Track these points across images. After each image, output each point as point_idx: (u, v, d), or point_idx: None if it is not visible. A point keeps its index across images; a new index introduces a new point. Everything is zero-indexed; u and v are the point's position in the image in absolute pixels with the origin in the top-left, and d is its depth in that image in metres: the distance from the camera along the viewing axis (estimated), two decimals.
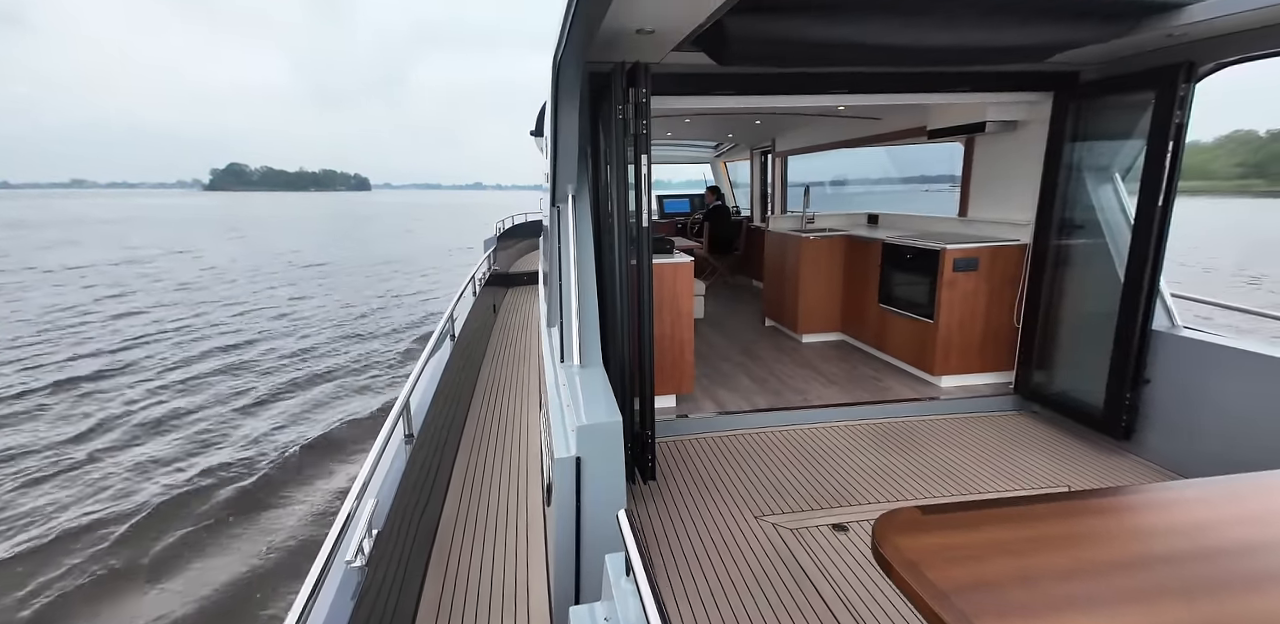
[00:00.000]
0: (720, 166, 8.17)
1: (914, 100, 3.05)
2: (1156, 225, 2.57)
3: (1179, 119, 2.46)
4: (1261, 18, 2.07)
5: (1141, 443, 2.77)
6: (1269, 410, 2.28)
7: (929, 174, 5.34)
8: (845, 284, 4.46)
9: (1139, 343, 2.69)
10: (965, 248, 3.38)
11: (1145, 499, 1.20)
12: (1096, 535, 1.04)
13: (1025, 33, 2.31)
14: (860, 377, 3.80)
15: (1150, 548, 1.00)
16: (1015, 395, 3.39)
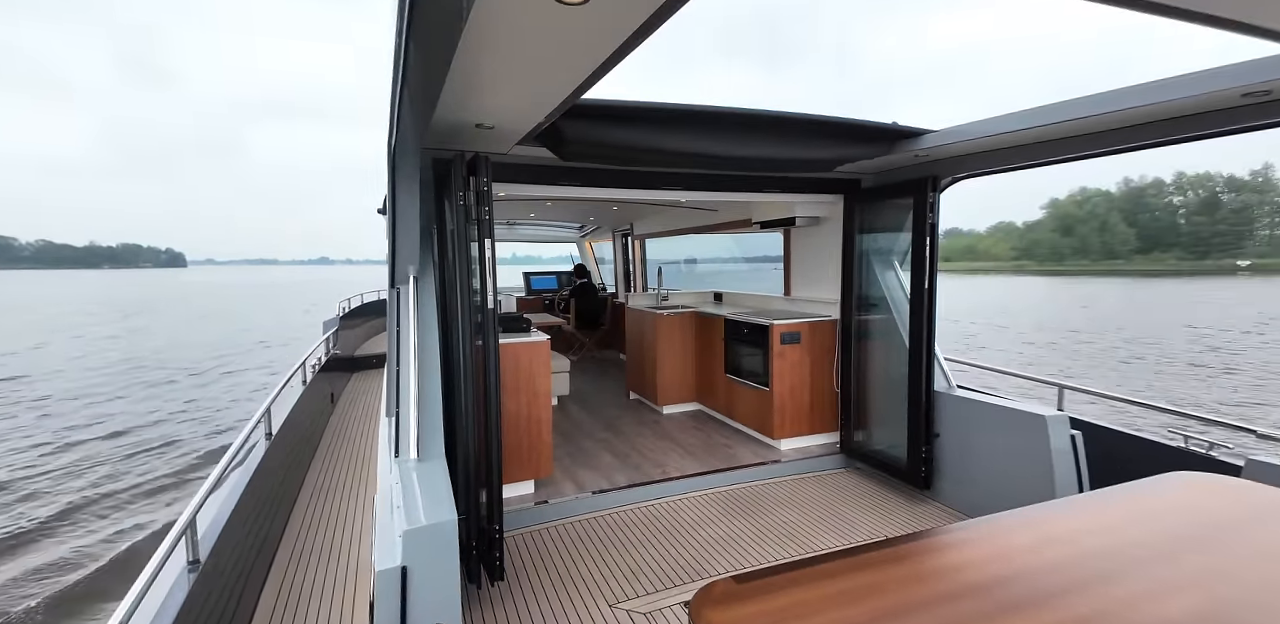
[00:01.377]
0: (586, 246, 8.62)
1: (737, 198, 3.59)
2: (926, 302, 3.20)
3: (931, 219, 3.18)
4: (976, 146, 2.82)
5: (939, 490, 3.23)
6: (1016, 452, 2.82)
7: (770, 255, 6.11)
8: (697, 357, 4.81)
9: (926, 402, 3.22)
10: (789, 323, 3.87)
11: (921, 545, 1.40)
12: (885, 583, 1.19)
13: (812, 150, 2.93)
14: (714, 445, 4.00)
15: (932, 590, 1.17)
16: (841, 454, 3.80)
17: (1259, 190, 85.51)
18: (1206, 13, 1.26)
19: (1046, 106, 2.35)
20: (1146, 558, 1.29)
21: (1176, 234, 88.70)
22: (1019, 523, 1.49)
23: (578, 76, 1.60)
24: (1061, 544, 1.38)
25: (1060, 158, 2.64)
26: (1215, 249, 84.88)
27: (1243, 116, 2.00)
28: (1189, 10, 1.23)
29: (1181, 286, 42.64)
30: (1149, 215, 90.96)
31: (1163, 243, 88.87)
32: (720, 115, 2.61)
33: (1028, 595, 1.15)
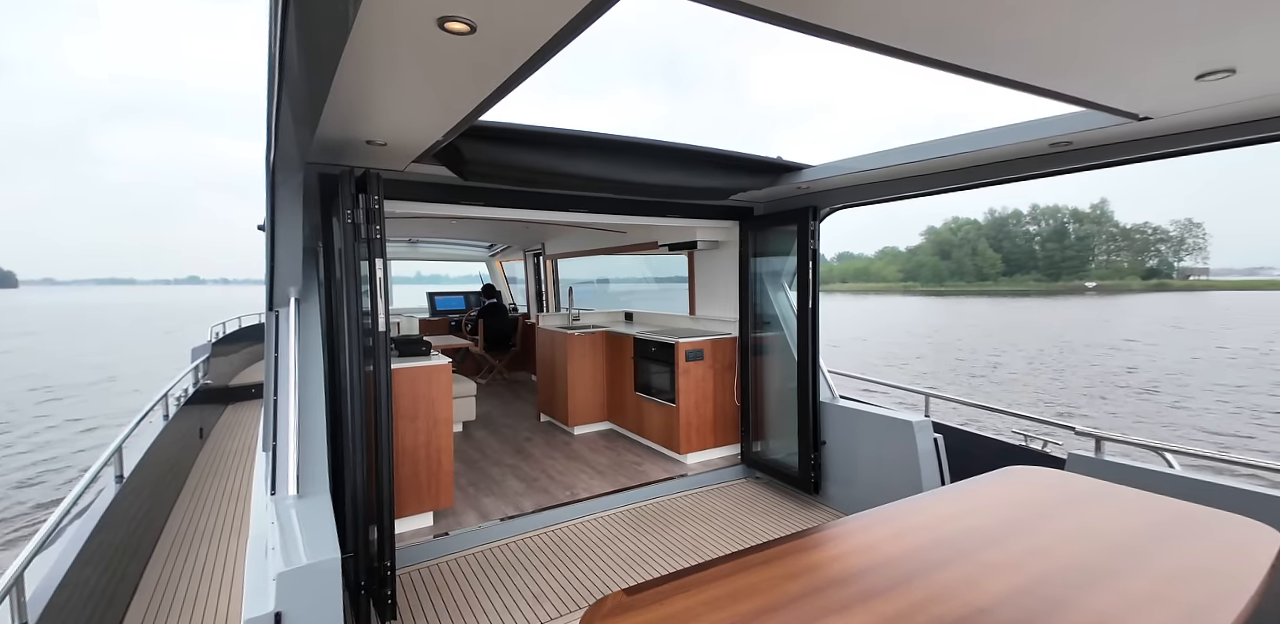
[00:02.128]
0: (496, 265, 8.51)
1: (641, 222, 3.76)
2: (810, 320, 3.51)
3: (812, 245, 3.52)
4: (847, 180, 3.17)
5: (827, 494, 3.51)
6: (889, 455, 3.15)
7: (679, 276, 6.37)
8: (609, 375, 4.90)
9: (813, 412, 3.51)
10: (693, 341, 4.08)
11: (796, 545, 1.55)
12: (762, 583, 1.32)
13: (708, 179, 3.17)
14: (624, 463, 4.08)
15: (803, 585, 1.30)
16: (742, 465, 4.02)
17: (1097, 221, 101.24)
18: (1015, 79, 1.59)
19: (901, 148, 2.74)
20: (979, 544, 1.52)
21: (1034, 259, 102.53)
22: (881, 519, 1.70)
23: (470, 101, 1.67)
24: (914, 534, 1.59)
25: (917, 192, 3.06)
26: (1065, 272, 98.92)
27: (1051, 163, 2.46)
28: (1000, 77, 1.56)
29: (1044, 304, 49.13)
30: (1011, 242, 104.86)
31: (1024, 266, 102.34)
32: (623, 143, 2.77)
33: (884, 583, 1.33)
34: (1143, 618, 1.17)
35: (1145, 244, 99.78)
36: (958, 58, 1.44)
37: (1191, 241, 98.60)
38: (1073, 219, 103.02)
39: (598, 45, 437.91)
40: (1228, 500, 2.01)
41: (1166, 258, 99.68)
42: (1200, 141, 2.02)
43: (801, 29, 1.29)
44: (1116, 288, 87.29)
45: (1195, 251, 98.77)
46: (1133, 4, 1.14)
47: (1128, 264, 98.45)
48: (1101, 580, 1.33)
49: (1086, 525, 1.63)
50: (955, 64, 1.47)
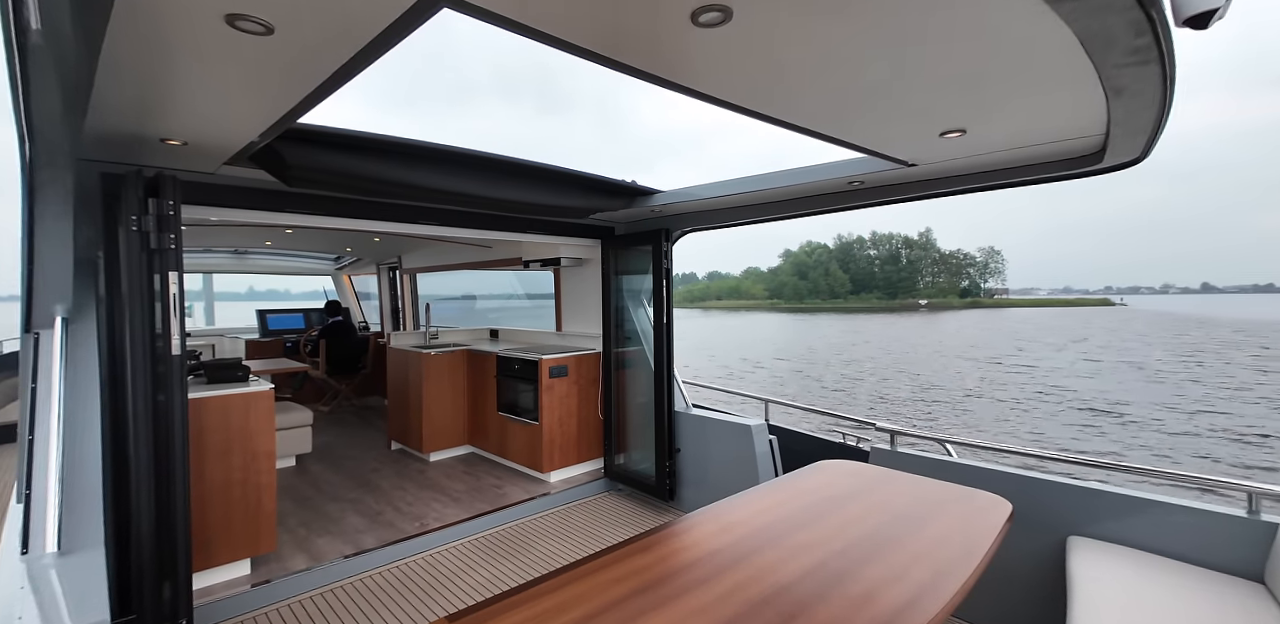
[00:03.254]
0: (344, 279, 7.87)
1: (498, 237, 3.76)
2: (665, 335, 3.75)
3: (666, 265, 3.77)
4: (695, 206, 3.46)
5: (681, 499, 3.73)
6: (732, 457, 3.45)
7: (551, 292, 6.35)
8: (470, 396, 4.75)
9: (669, 422, 3.73)
10: (558, 357, 4.13)
11: (629, 549, 1.64)
12: (589, 591, 1.38)
13: (566, 198, 3.27)
14: (484, 487, 3.96)
15: (628, 587, 1.39)
16: (605, 479, 4.12)
17: (923, 247, 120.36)
18: (820, 131, 1.94)
19: (737, 180, 3.09)
20: (788, 530, 1.75)
21: (875, 279, 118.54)
22: (708, 516, 1.87)
23: (282, 103, 1.60)
24: (736, 527, 1.78)
25: (755, 219, 3.44)
26: (901, 291, 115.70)
27: (851, 198, 2.93)
28: (808, 129, 1.90)
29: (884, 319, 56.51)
30: (856, 264, 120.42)
31: (868, 286, 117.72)
32: (474, 157, 2.78)
33: (703, 575, 1.48)
34: (904, 580, 1.44)
35: (959, 267, 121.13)
36: (775, 112, 1.75)
37: (994, 266, 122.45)
38: (904, 245, 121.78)
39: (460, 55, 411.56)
40: (985, 479, 2.51)
41: (975, 280, 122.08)
42: (956, 185, 2.56)
43: (635, 74, 1.46)
44: (942, 305, 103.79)
45: (996, 274, 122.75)
46: (890, 81, 1.49)
47: (947, 284, 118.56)
48: (879, 552, 1.60)
49: (874, 506, 1.94)
50: (772, 116, 1.77)
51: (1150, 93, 1.40)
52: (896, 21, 1.18)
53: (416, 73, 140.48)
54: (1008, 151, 2.15)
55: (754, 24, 1.19)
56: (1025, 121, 1.81)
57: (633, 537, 1.72)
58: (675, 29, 1.21)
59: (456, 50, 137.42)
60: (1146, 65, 1.23)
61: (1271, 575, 1.87)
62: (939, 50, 1.31)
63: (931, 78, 1.47)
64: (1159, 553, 2.11)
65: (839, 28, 1.21)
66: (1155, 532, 2.13)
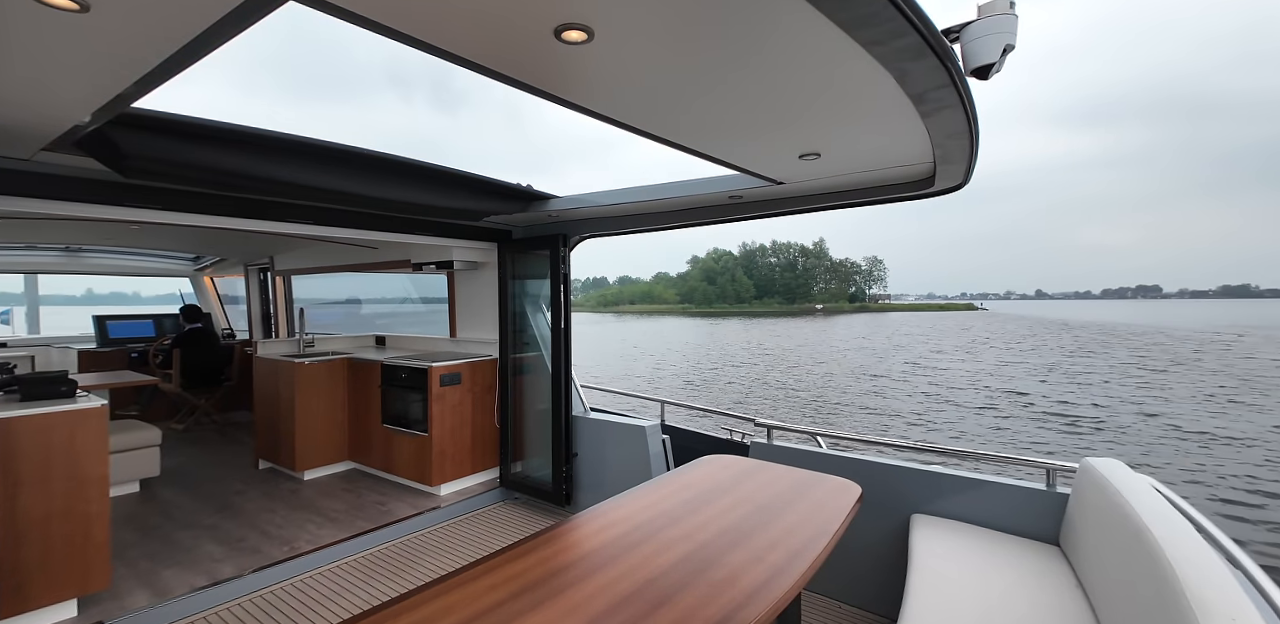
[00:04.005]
0: (205, 282, 7.11)
1: (382, 238, 3.62)
2: (563, 339, 3.79)
3: (563, 270, 3.82)
4: (591, 213, 3.52)
5: (577, 503, 3.79)
6: (628, 459, 3.57)
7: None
8: (351, 409, 4.50)
9: (566, 426, 3.78)
10: (450, 364, 4.03)
11: (511, 554, 1.67)
12: (459, 602, 1.40)
13: (458, 200, 3.22)
14: (365, 505, 3.77)
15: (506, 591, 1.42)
16: (501, 488, 4.08)
17: (818, 256, 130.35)
18: (701, 151, 2.12)
19: (631, 189, 3.21)
20: (664, 524, 1.86)
21: (776, 285, 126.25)
22: (593, 516, 1.94)
23: (108, 85, 1.47)
24: (616, 525, 1.86)
25: (649, 228, 3.58)
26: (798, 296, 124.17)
27: (733, 211, 3.15)
28: (691, 148, 2.07)
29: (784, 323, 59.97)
30: (759, 271, 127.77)
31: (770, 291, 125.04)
32: (354, 154, 2.66)
33: (580, 574, 1.54)
34: (763, 562, 1.60)
35: (848, 275, 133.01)
36: (650, 128, 1.88)
37: (877, 273, 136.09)
38: (801, 253, 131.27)
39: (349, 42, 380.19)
40: (845, 467, 2.82)
41: (861, 286, 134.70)
42: (820, 203, 2.86)
43: (506, 82, 1.51)
44: (835, 309, 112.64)
45: (879, 281, 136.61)
46: (749, 106, 1.66)
47: (838, 290, 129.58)
48: (743, 539, 1.76)
49: (744, 497, 2.12)
50: (648, 132, 1.90)
51: (959, 129, 1.68)
52: (746, 55, 1.33)
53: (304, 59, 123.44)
54: (859, 174, 2.45)
55: (615, 45, 1.28)
56: (869, 149, 2.08)
57: (512, 543, 1.75)
58: (541, 44, 1.27)
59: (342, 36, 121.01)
60: (951, 106, 1.50)
61: (1064, 538, 2.29)
62: (788, 82, 1.49)
63: (785, 106, 1.66)
64: (983, 525, 2.48)
65: (695, 56, 1.34)
66: (980, 507, 2.51)
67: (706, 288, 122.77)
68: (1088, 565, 1.99)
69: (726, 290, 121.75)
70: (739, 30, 1.20)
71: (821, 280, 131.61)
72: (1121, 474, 2.03)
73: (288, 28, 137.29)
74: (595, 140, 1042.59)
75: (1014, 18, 1.29)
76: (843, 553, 2.75)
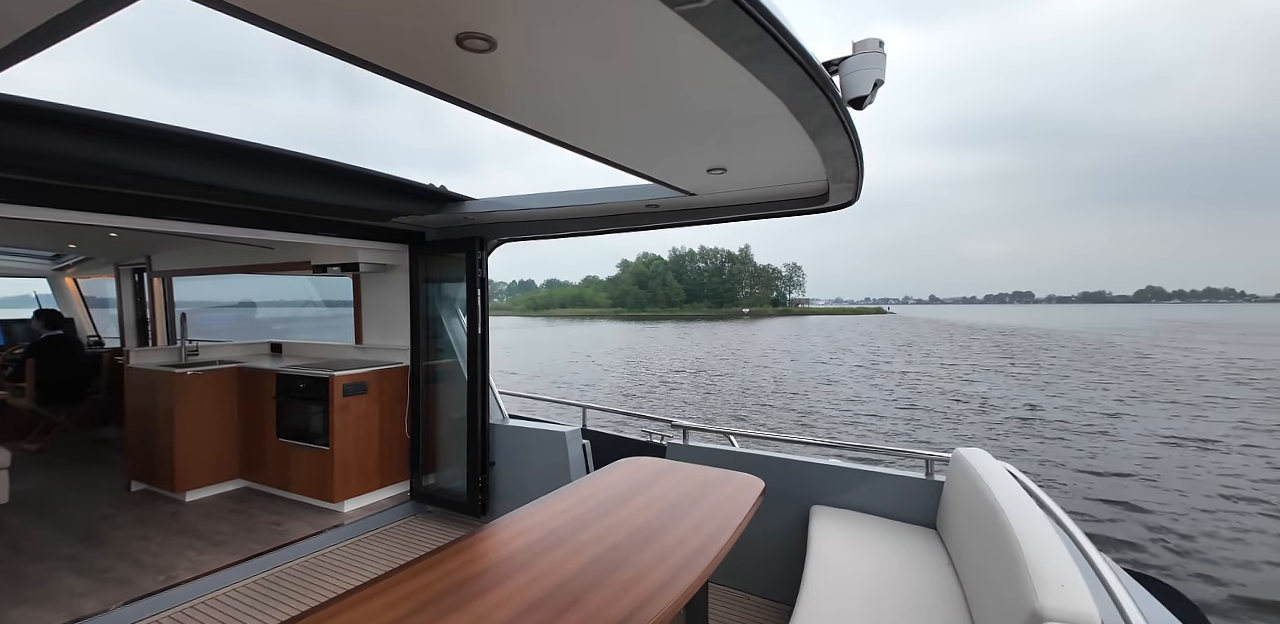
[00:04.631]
0: (67, 283, 6.37)
1: (277, 237, 3.40)
2: (481, 345, 3.73)
3: (480, 274, 3.75)
4: (509, 216, 3.48)
5: (493, 514, 3.74)
6: (547, 465, 3.57)
7: None
8: (242, 422, 4.19)
9: (483, 434, 3.72)
10: (355, 373, 3.86)
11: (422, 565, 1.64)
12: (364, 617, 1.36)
13: (364, 199, 3.09)
14: (257, 526, 3.53)
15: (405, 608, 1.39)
16: (412, 502, 3.95)
17: (743, 262, 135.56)
18: (622, 164, 2.20)
19: (550, 194, 3.22)
20: (576, 528, 1.89)
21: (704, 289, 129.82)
22: (506, 524, 1.94)
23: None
24: (530, 531, 1.87)
25: (570, 233, 3.60)
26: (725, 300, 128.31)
27: (651, 219, 3.24)
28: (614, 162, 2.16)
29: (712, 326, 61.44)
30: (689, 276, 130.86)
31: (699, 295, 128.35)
32: (247, 149, 2.49)
33: (490, 582, 1.54)
34: (669, 560, 1.67)
35: (770, 280, 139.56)
36: (561, 137, 1.92)
37: (796, 279, 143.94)
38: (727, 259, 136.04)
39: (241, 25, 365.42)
40: (754, 463, 2.97)
41: (783, 291, 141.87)
42: (730, 214, 3.01)
43: (408, 84, 1.49)
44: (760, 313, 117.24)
45: (798, 286, 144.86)
46: (657, 122, 1.74)
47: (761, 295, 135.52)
48: (654, 537, 1.82)
49: (655, 497, 2.20)
50: (559, 140, 1.94)
51: (844, 151, 1.85)
52: (653, 75, 1.40)
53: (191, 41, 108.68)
54: (763, 189, 2.61)
55: (519, 56, 1.30)
56: (770, 167, 2.24)
57: (418, 556, 1.72)
58: (443, 50, 1.28)
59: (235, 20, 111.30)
60: (836, 131, 1.65)
61: (940, 522, 2.53)
62: (693, 103, 1.58)
63: (692, 124, 1.76)
64: (874, 513, 2.71)
65: (602, 72, 1.39)
66: (872, 496, 2.73)
67: (638, 291, 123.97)
68: (957, 545, 2.23)
69: (658, 294, 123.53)
70: (644, 53, 1.27)
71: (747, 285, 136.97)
72: (985, 462, 2.29)
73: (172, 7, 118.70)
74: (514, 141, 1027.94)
75: (883, 56, 1.44)
76: (750, 546, 2.90)
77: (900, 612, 1.93)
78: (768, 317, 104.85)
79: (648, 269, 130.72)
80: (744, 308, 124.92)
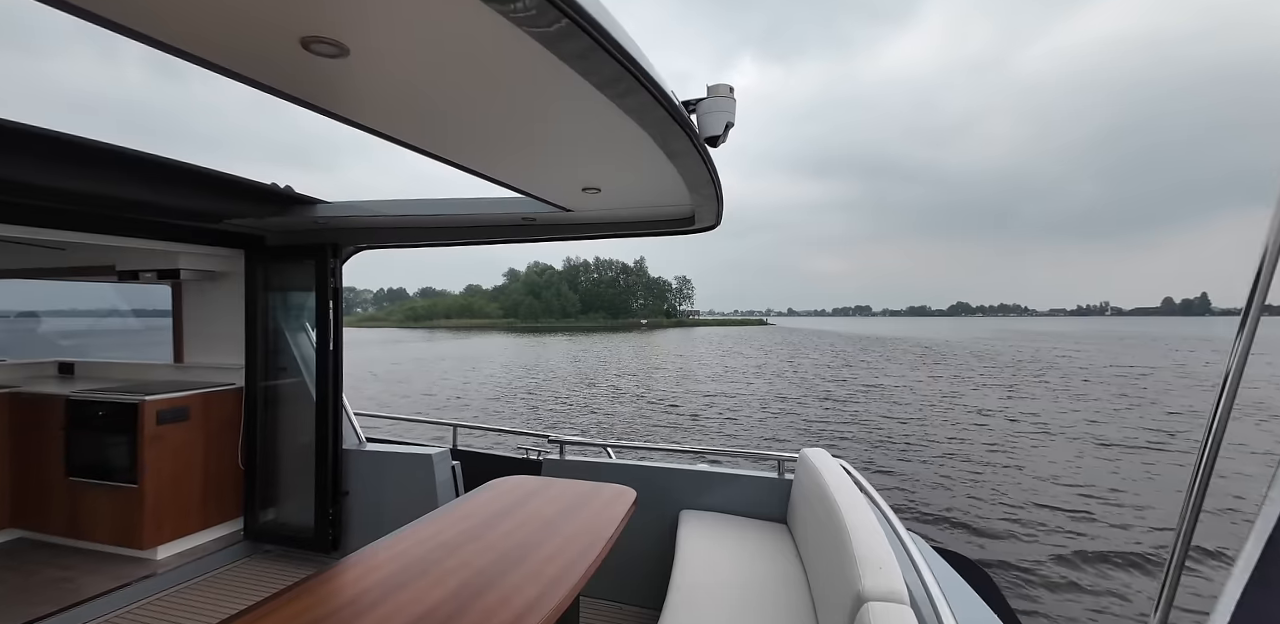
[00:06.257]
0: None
1: (73, 239, 2.92)
2: (333, 362, 3.45)
3: (334, 283, 3.47)
4: (368, 222, 3.25)
5: (346, 548, 3.46)
6: (411, 491, 3.38)
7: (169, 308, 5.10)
8: (15, 459, 3.53)
9: (334, 461, 3.43)
10: (173, 397, 3.40)
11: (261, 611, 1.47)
12: None
13: (188, 199, 2.74)
14: (38, 584, 2.98)
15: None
16: (246, 541, 3.55)
17: (638, 274, 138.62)
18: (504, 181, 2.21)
19: (415, 200, 3.07)
20: (442, 555, 1.80)
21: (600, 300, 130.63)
22: (364, 557, 1.80)
23: None
24: (391, 562, 1.75)
25: (437, 242, 3.44)
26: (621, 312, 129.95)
27: (527, 231, 3.20)
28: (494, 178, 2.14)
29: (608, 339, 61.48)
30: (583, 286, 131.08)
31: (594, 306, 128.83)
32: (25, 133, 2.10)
33: (344, 620, 1.42)
34: (538, 579, 1.64)
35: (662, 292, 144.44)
36: (423, 145, 1.85)
37: (686, 291, 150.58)
38: (622, 271, 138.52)
39: None
40: (628, 474, 3.03)
41: (674, 303, 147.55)
42: (606, 230, 3.08)
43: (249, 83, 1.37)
44: (656, 324, 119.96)
45: (687, 299, 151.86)
46: (527, 139, 1.75)
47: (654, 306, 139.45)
48: (523, 558, 1.78)
49: (530, 515, 2.16)
50: (421, 148, 1.87)
51: (704, 180, 1.98)
52: (526, 97, 1.40)
53: None
54: (636, 209, 2.73)
55: (373, 63, 1.25)
56: (641, 189, 2.34)
57: (255, 603, 1.54)
58: (287, 53, 1.20)
59: None
60: (695, 162, 1.77)
61: (789, 517, 2.73)
62: (566, 125, 1.60)
63: (565, 146, 1.80)
64: (736, 513, 2.86)
65: (463, 87, 1.37)
66: (733, 498, 2.89)
67: (532, 302, 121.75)
68: (802, 537, 2.42)
69: (552, 305, 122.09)
70: (510, 74, 1.28)
71: (641, 297, 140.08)
72: (824, 459, 2.52)
73: None
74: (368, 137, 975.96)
75: (733, 101, 1.60)
76: (623, 557, 2.94)
77: (754, 605, 2.06)
78: (663, 328, 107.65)
79: (540, 278, 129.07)
80: (641, 319, 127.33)
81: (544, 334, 76.91)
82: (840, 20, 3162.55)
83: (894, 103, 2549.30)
